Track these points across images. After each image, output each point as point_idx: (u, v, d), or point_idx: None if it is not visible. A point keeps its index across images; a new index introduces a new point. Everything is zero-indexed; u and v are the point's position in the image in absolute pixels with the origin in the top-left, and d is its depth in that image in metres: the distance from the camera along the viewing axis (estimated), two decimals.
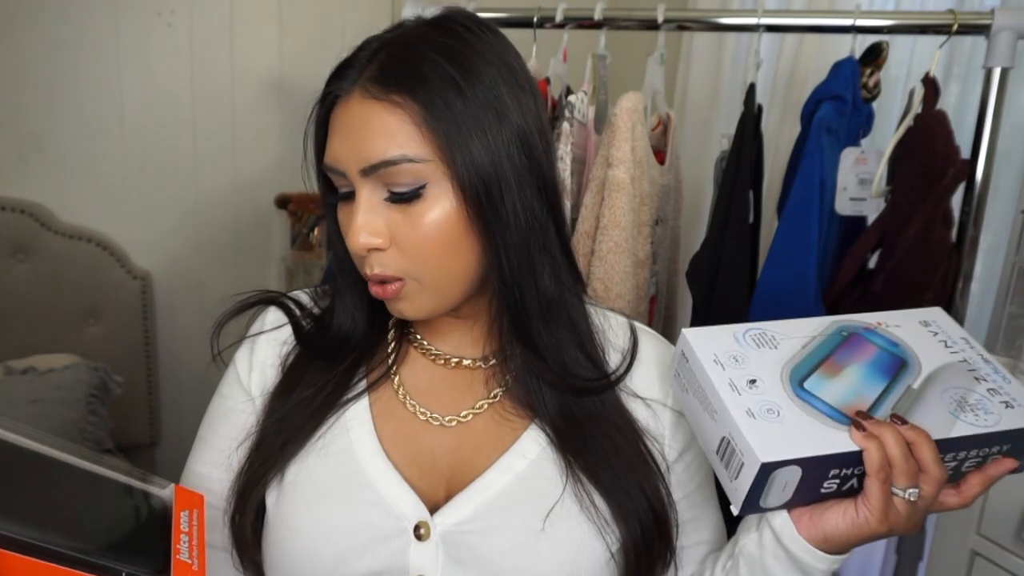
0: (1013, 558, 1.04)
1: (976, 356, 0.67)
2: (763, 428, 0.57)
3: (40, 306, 1.85)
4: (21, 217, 1.81)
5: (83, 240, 1.87)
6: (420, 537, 0.61)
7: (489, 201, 0.60)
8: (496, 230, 0.61)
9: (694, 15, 1.53)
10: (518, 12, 1.33)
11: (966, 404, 0.61)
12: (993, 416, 0.60)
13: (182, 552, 0.54)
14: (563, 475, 0.64)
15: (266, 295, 0.73)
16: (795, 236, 1.14)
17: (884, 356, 0.64)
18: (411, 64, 0.60)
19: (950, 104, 1.54)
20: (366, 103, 0.60)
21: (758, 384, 0.60)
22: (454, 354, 0.70)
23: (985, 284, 1.56)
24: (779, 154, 1.64)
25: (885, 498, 0.55)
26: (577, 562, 0.62)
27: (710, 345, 0.63)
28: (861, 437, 0.55)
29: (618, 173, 1.17)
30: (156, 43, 1.89)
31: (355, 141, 0.60)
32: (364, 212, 0.60)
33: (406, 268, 0.61)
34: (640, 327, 0.75)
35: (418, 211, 0.60)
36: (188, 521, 0.57)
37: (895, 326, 0.68)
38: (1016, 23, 1.09)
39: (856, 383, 0.61)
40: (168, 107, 1.93)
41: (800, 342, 0.64)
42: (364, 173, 0.60)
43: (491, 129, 0.60)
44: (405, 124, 0.59)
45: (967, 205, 1.16)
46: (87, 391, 1.68)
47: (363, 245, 0.60)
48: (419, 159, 0.59)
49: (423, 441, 0.66)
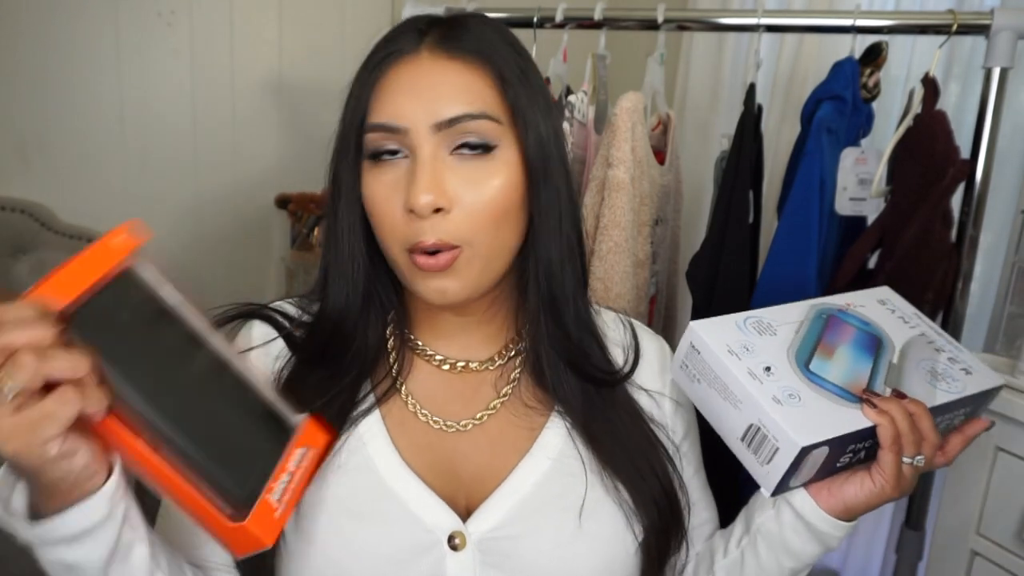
0: (1013, 558, 1.04)
1: (929, 329, 0.73)
2: (792, 414, 0.60)
3: None
4: (21, 217, 1.81)
5: (83, 240, 1.86)
6: (455, 547, 0.60)
7: (544, 176, 0.63)
8: (543, 207, 0.63)
9: (694, 15, 1.53)
10: (518, 12, 1.33)
11: (936, 374, 0.67)
12: (959, 383, 0.67)
13: (274, 492, 0.49)
14: (586, 469, 0.65)
15: (247, 308, 0.69)
16: (795, 236, 1.14)
17: (862, 335, 0.69)
18: (477, 34, 0.62)
19: (950, 104, 1.54)
20: (440, 62, 0.60)
21: (773, 371, 0.63)
22: (460, 357, 0.69)
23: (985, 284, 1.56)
24: (779, 154, 1.64)
25: (897, 467, 0.60)
26: (613, 554, 0.63)
27: (720, 336, 0.65)
28: (875, 413, 0.60)
29: (618, 173, 1.17)
30: (156, 43, 1.89)
31: (430, 97, 0.59)
32: (430, 170, 0.58)
33: (464, 233, 0.60)
34: (633, 321, 0.77)
35: (485, 172, 0.60)
36: (299, 461, 0.52)
37: (860, 306, 0.72)
38: (1016, 23, 1.09)
39: (849, 362, 0.65)
40: (168, 107, 1.93)
41: (792, 327, 0.67)
42: (437, 128, 0.59)
43: (543, 113, 0.63)
44: (485, 83, 0.61)
45: (967, 205, 1.16)
46: None
47: (429, 203, 0.57)
48: (496, 119, 0.60)
49: (440, 450, 0.65)
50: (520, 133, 0.61)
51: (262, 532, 0.47)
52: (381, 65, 0.62)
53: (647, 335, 0.76)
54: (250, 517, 0.47)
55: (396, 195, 0.60)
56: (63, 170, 1.87)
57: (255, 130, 2.01)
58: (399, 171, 0.60)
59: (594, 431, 0.66)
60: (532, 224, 0.64)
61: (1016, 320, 1.25)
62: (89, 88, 1.85)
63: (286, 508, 0.50)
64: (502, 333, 0.70)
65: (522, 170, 0.62)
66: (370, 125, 0.61)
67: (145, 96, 1.90)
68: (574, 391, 0.67)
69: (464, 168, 0.60)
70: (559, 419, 0.67)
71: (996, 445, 1.06)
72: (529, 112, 0.62)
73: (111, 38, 1.85)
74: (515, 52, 0.64)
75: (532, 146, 0.62)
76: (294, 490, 0.51)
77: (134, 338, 0.46)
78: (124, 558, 0.52)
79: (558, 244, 0.65)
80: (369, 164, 0.62)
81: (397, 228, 0.61)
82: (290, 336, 0.68)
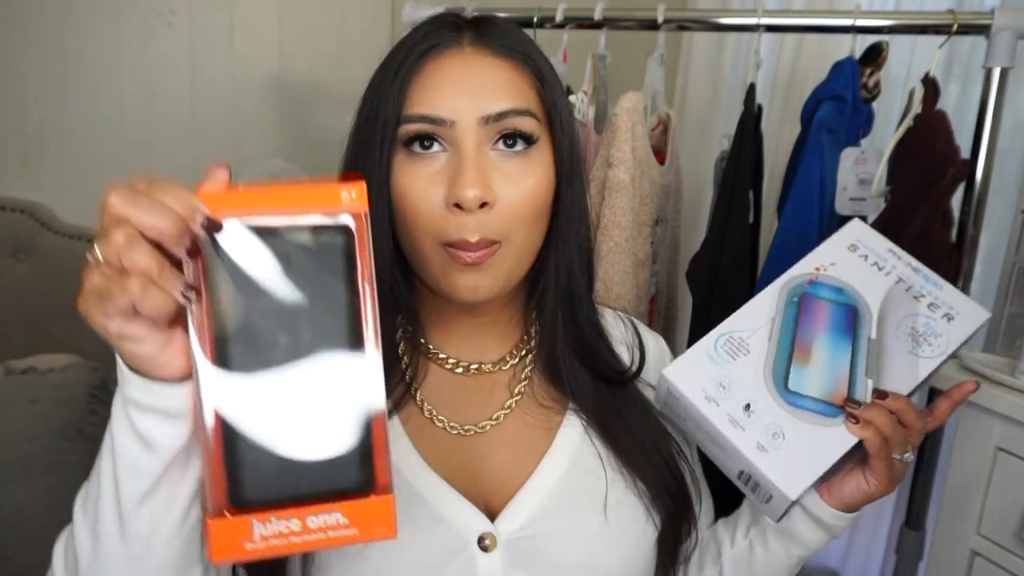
0: (1013, 558, 1.04)
1: (906, 269, 0.70)
2: (778, 461, 0.60)
3: (40, 306, 1.85)
4: (21, 217, 1.81)
5: (83, 240, 1.86)
6: (485, 548, 0.61)
7: (570, 177, 0.65)
8: (567, 206, 0.65)
9: (694, 15, 1.53)
10: (518, 12, 1.32)
11: (918, 335, 0.65)
12: (942, 338, 0.65)
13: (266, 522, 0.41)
14: (604, 465, 0.66)
15: None
16: (795, 236, 1.14)
17: (837, 311, 0.67)
18: (514, 36, 0.63)
19: (950, 104, 1.54)
20: (486, 57, 0.61)
21: (753, 408, 0.62)
22: (472, 359, 0.69)
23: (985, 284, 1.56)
24: (779, 154, 1.64)
25: (889, 467, 0.62)
26: (636, 546, 0.65)
27: (694, 379, 0.64)
28: (859, 428, 0.61)
29: (618, 173, 1.17)
30: (156, 43, 1.89)
31: (477, 91, 0.59)
32: (477, 164, 0.58)
33: (503, 229, 0.60)
34: (632, 318, 0.79)
35: (525, 168, 0.61)
36: (325, 522, 0.43)
37: (831, 264, 0.70)
38: (1016, 23, 1.09)
39: (828, 359, 0.64)
40: (168, 107, 1.93)
41: (764, 332, 0.66)
42: (485, 121, 0.59)
43: (569, 118, 0.65)
44: (528, 83, 0.62)
45: (967, 205, 1.16)
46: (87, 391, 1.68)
47: (477, 197, 0.57)
48: (539, 116, 0.62)
49: (459, 454, 0.66)
50: (555, 133, 0.63)
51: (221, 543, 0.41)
52: (423, 58, 0.61)
53: (646, 332, 0.78)
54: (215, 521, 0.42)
55: (435, 188, 0.59)
56: (63, 170, 1.87)
57: (255, 130, 2.01)
58: (437, 164, 0.60)
59: (609, 427, 0.67)
60: (554, 223, 0.65)
61: (1016, 320, 1.25)
62: (89, 88, 1.85)
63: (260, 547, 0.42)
64: (513, 333, 0.71)
65: (554, 170, 0.63)
66: (412, 116, 0.59)
67: (145, 96, 1.90)
68: (588, 388, 0.68)
69: (504, 164, 0.60)
70: (574, 416, 0.68)
71: (996, 445, 1.06)
72: (564, 113, 0.64)
73: (111, 38, 1.85)
74: (544, 57, 0.65)
75: (564, 146, 0.64)
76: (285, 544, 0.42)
77: (259, 291, 0.42)
78: (183, 466, 0.48)
79: (577, 244, 0.66)
80: (403, 156, 0.60)
81: (434, 221, 0.59)
82: None
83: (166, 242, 0.41)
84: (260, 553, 0.42)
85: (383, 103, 0.60)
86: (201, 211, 0.42)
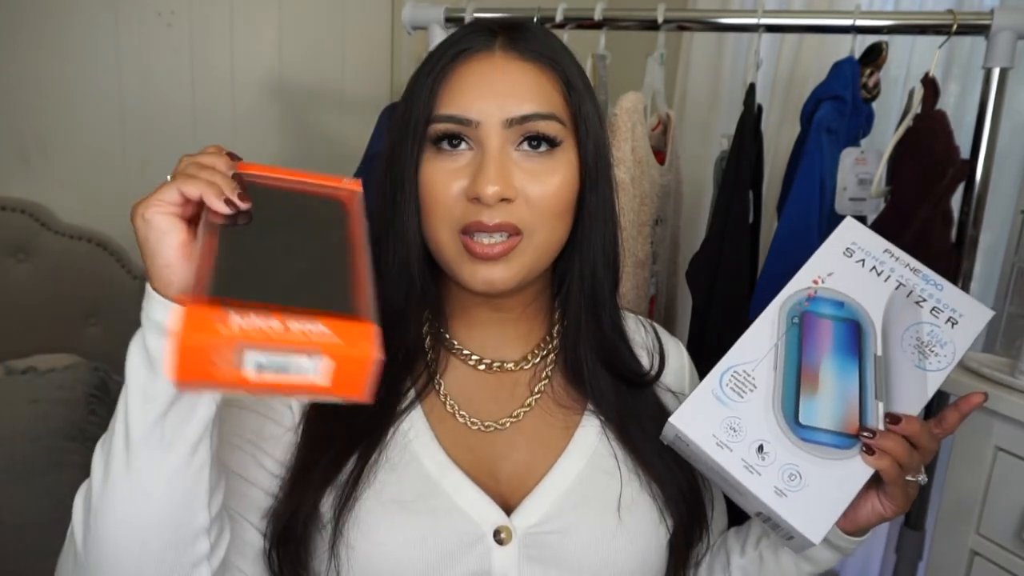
0: (1013, 558, 1.04)
1: (905, 270, 0.67)
2: (797, 504, 0.59)
3: (40, 306, 1.85)
4: (21, 217, 1.81)
5: (83, 240, 1.86)
6: (500, 542, 0.62)
7: (596, 180, 0.66)
8: (592, 209, 0.66)
9: (694, 15, 1.53)
10: (518, 12, 1.32)
11: (923, 345, 0.64)
12: (948, 346, 0.64)
13: (246, 317, 0.39)
14: (620, 466, 0.67)
15: None
16: (795, 236, 1.14)
17: (840, 329, 0.65)
18: (545, 42, 0.65)
19: (950, 104, 1.54)
20: (514, 62, 0.63)
21: (766, 450, 0.61)
22: (494, 356, 0.71)
23: (985, 284, 1.56)
24: (779, 154, 1.64)
25: (905, 492, 0.62)
26: (649, 547, 0.65)
27: (703, 425, 0.62)
28: (875, 460, 0.60)
29: (618, 173, 1.17)
30: (156, 43, 1.89)
31: (504, 94, 0.62)
32: (499, 162, 0.61)
33: (527, 221, 0.62)
34: (654, 324, 0.81)
35: (548, 169, 0.63)
36: (306, 328, 0.40)
37: (828, 275, 0.68)
38: (1016, 23, 1.09)
39: (836, 385, 0.62)
40: (168, 107, 1.93)
41: (768, 362, 0.64)
42: (508, 124, 0.62)
43: (599, 123, 0.67)
44: (555, 87, 0.64)
45: (967, 205, 1.16)
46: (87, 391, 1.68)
47: (496, 193, 0.60)
48: (564, 120, 0.64)
49: (479, 449, 0.67)
50: (580, 136, 0.65)
51: (196, 325, 0.38)
52: (454, 61, 0.64)
53: (667, 337, 0.79)
54: (194, 306, 0.39)
55: (456, 181, 0.62)
56: (63, 170, 1.87)
57: (255, 130, 2.01)
58: (462, 160, 0.63)
59: (626, 428, 0.69)
60: (579, 225, 0.67)
61: (1016, 320, 1.25)
62: (89, 88, 1.85)
63: (236, 335, 0.38)
64: (535, 332, 0.73)
65: (578, 171, 0.65)
66: (440, 116, 0.63)
67: (145, 96, 1.90)
68: (608, 390, 0.70)
69: (528, 163, 0.63)
70: (592, 417, 0.69)
71: (996, 445, 1.06)
72: (590, 118, 0.65)
73: (111, 38, 1.85)
74: (575, 62, 0.67)
75: (590, 150, 0.65)
76: (264, 340, 0.38)
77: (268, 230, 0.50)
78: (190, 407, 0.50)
79: (602, 247, 0.68)
80: (431, 153, 0.64)
81: (453, 209, 0.63)
82: None
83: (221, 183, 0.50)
84: (236, 342, 0.38)
85: (416, 103, 0.64)
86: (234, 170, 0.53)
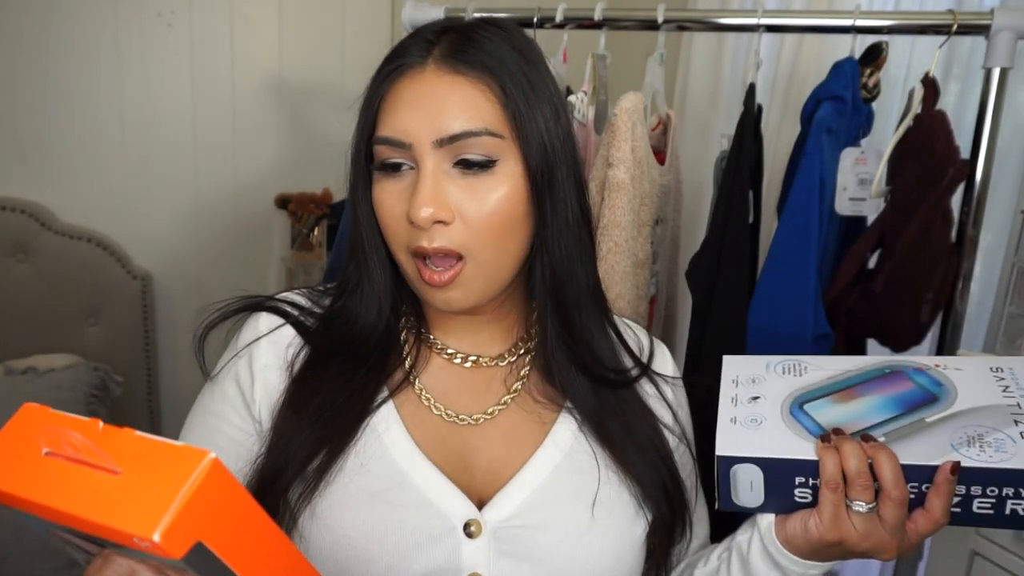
0: (1013, 558, 1.04)
1: None
2: (735, 431, 0.61)
3: (40, 306, 1.85)
4: (21, 217, 1.81)
5: (83, 240, 1.86)
6: (471, 535, 0.62)
7: (549, 185, 0.64)
8: (550, 215, 0.64)
9: (694, 15, 1.53)
10: (518, 12, 1.32)
11: (979, 440, 0.57)
12: (1005, 455, 0.55)
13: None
14: (596, 463, 0.67)
15: (251, 301, 0.69)
16: (795, 236, 1.14)
17: (916, 392, 0.62)
18: (484, 47, 0.62)
19: (950, 104, 1.54)
20: (444, 76, 0.61)
21: (759, 400, 0.64)
22: (471, 352, 0.71)
23: (985, 284, 1.56)
24: (779, 154, 1.64)
25: (835, 508, 0.57)
26: (623, 544, 0.65)
27: (740, 368, 0.68)
28: (821, 448, 0.57)
29: (618, 173, 1.17)
30: (156, 43, 1.89)
31: (433, 113, 0.60)
32: (432, 184, 0.60)
33: (468, 244, 0.61)
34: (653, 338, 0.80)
35: (487, 186, 0.61)
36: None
37: (955, 369, 0.64)
38: (1016, 23, 1.09)
39: (862, 410, 0.61)
40: (168, 107, 1.93)
41: (827, 374, 0.66)
42: (439, 144, 0.60)
43: (550, 120, 0.64)
44: (487, 99, 0.61)
45: (967, 205, 1.16)
46: (87, 391, 1.68)
47: (429, 217, 0.59)
48: (498, 134, 0.61)
49: (453, 443, 0.67)
50: (522, 146, 0.62)
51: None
52: (389, 78, 0.63)
53: (660, 346, 0.79)
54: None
55: (400, 204, 0.62)
56: (63, 170, 1.87)
57: (255, 130, 2.01)
58: (405, 181, 0.62)
59: (604, 426, 0.68)
60: (539, 230, 0.65)
61: (1016, 320, 1.25)
62: (89, 88, 1.85)
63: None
64: (513, 331, 0.72)
65: (525, 181, 0.63)
66: (379, 138, 0.63)
67: (145, 96, 1.90)
68: (584, 389, 0.69)
69: (466, 181, 0.61)
70: (569, 415, 0.69)
71: None
72: (531, 124, 0.62)
73: (111, 38, 1.85)
74: (523, 60, 0.64)
75: (535, 157, 0.62)
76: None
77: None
78: None
79: (566, 249, 0.66)
80: (379, 174, 0.64)
81: (401, 233, 0.63)
82: (299, 323, 0.68)
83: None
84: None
85: (360, 124, 0.65)
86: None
